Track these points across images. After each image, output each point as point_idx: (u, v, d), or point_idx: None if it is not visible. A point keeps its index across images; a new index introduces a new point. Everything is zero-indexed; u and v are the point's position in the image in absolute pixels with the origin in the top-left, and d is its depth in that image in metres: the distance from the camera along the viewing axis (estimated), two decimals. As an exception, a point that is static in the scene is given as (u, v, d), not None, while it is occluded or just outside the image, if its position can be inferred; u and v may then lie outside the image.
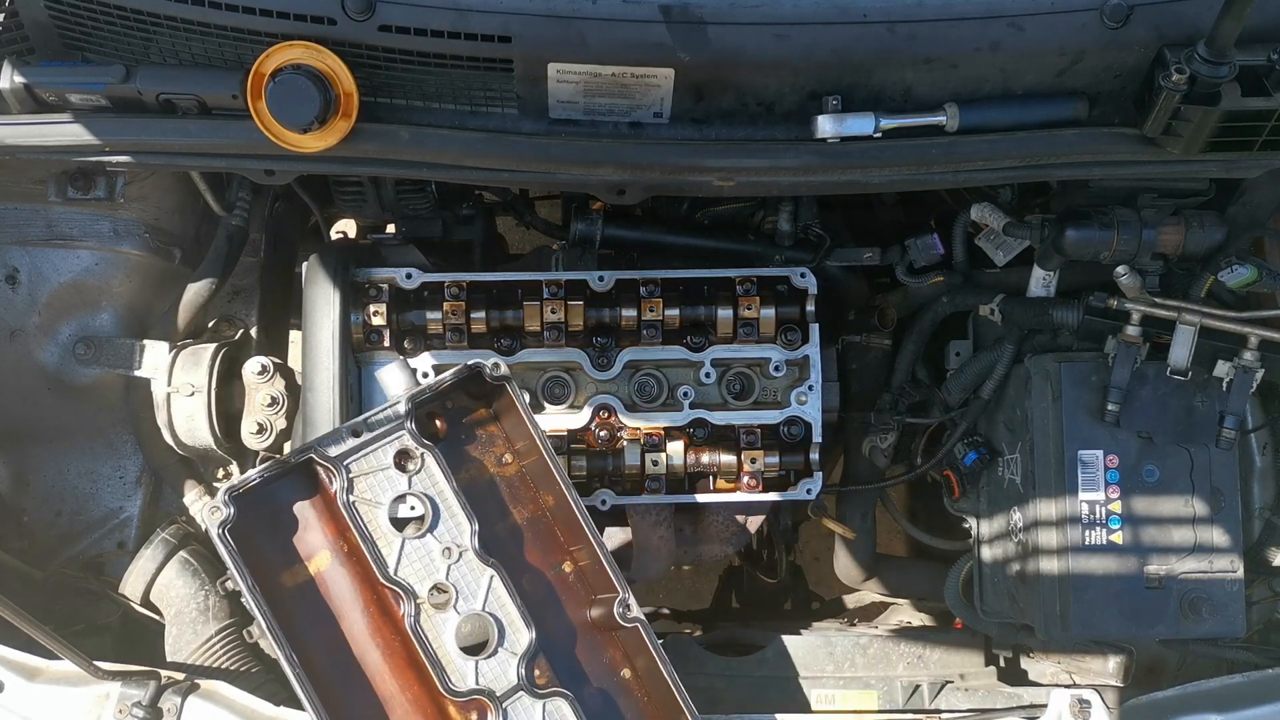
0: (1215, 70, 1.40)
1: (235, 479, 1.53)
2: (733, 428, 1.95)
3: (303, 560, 1.60)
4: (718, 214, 2.09)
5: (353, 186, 1.95)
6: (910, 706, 1.89)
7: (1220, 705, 1.62)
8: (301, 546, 1.61)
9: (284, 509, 1.61)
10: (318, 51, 1.45)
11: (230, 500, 1.51)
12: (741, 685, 1.89)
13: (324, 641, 1.57)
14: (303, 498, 1.62)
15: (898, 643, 1.95)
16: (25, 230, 1.90)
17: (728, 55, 1.46)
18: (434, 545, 1.59)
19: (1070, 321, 1.86)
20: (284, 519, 1.61)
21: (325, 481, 1.60)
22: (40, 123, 1.54)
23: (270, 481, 1.58)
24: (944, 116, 1.51)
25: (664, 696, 1.62)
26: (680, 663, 1.90)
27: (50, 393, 1.97)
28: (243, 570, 1.49)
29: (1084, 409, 1.79)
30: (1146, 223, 1.76)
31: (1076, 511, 1.78)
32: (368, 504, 1.58)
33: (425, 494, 1.59)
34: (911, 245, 2.00)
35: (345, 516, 1.56)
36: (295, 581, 1.59)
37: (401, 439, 1.60)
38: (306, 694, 1.47)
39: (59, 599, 1.94)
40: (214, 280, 1.96)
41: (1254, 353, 1.76)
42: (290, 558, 1.60)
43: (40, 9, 1.49)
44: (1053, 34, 1.48)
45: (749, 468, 1.94)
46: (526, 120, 1.56)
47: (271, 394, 1.93)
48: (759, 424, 1.95)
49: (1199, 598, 1.77)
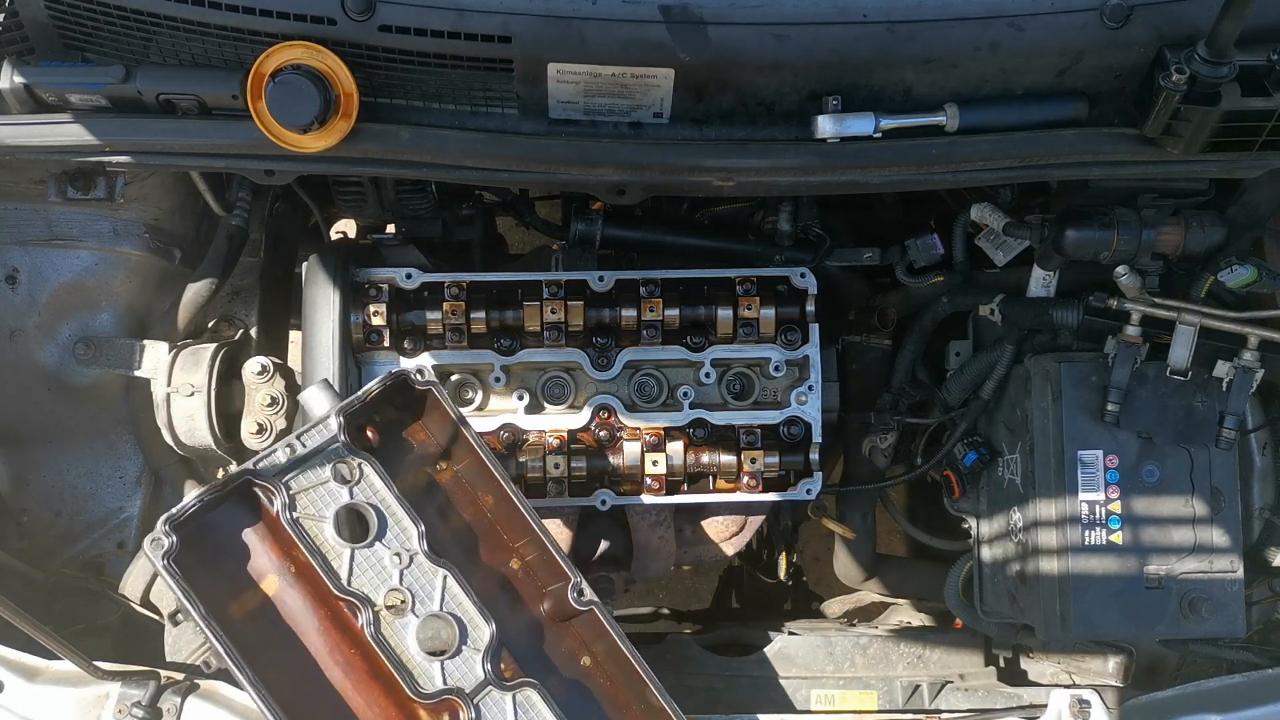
0: (1215, 70, 1.40)
1: (174, 508, 1.49)
2: (733, 428, 1.95)
3: (253, 585, 1.58)
4: (718, 214, 2.09)
5: (353, 186, 1.95)
6: (910, 706, 1.89)
7: (1220, 705, 1.62)
8: (250, 571, 1.58)
9: (228, 535, 1.58)
10: (318, 51, 1.45)
11: (171, 530, 1.47)
12: (741, 685, 1.89)
13: (286, 665, 1.54)
14: (246, 522, 1.58)
15: (898, 643, 1.95)
16: (25, 230, 1.90)
17: (728, 55, 1.46)
18: (384, 552, 1.57)
19: (1070, 321, 1.86)
20: (229, 545, 1.58)
21: (266, 503, 1.58)
22: (40, 123, 1.54)
23: (210, 507, 1.54)
24: (944, 116, 1.51)
25: (627, 675, 1.61)
26: (680, 663, 1.90)
27: (50, 393, 1.97)
28: (194, 600, 1.46)
29: (1084, 409, 1.79)
30: (1146, 223, 1.77)
31: (1076, 511, 1.78)
32: (311, 519, 1.56)
33: (369, 503, 1.57)
34: (911, 245, 2.00)
35: (291, 534, 1.53)
36: (248, 608, 1.57)
37: (336, 450, 1.57)
38: (261, 698, 1.44)
39: (59, 599, 1.94)
40: (214, 280, 1.96)
41: (1254, 353, 1.76)
42: (240, 584, 1.57)
43: (40, 9, 1.49)
44: (1053, 34, 1.48)
45: (749, 468, 1.94)
46: (526, 120, 1.56)
47: (271, 394, 1.93)
48: (759, 424, 1.95)
49: (1199, 598, 1.77)
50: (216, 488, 1.54)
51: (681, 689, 1.87)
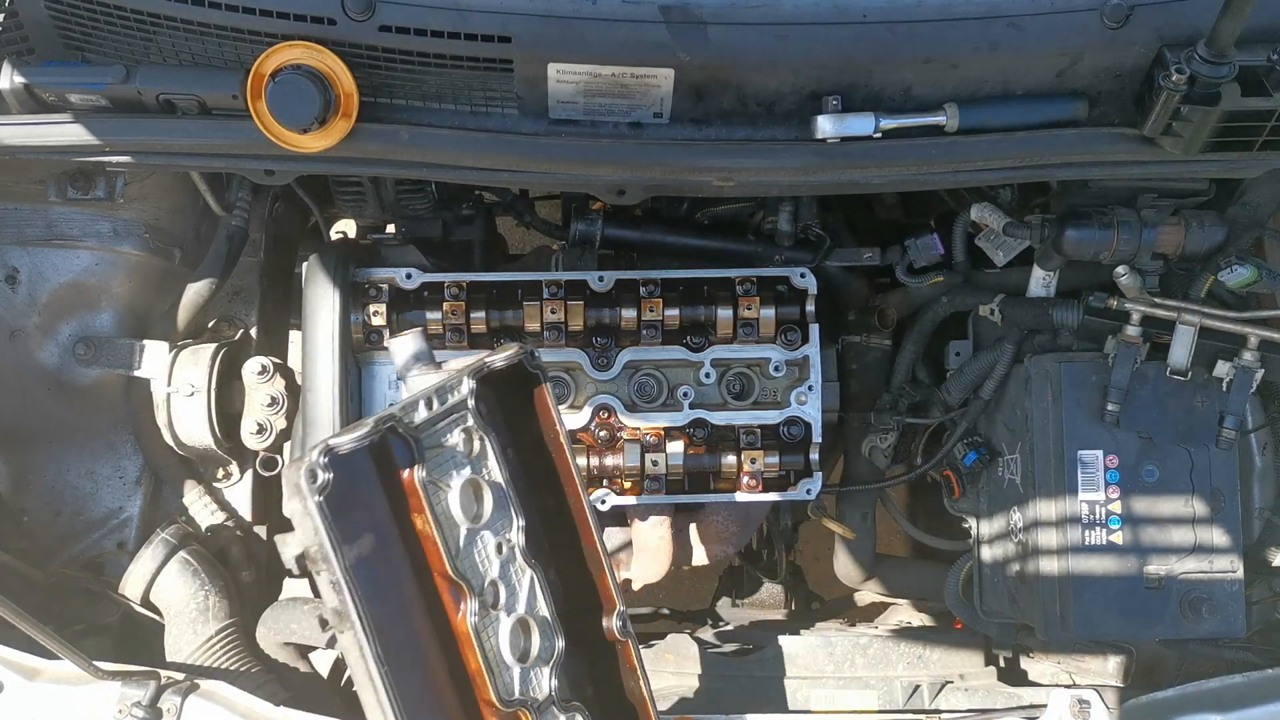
0: (1215, 70, 1.40)
1: (333, 439, 1.27)
2: (733, 428, 1.95)
3: (355, 540, 1.35)
4: (718, 214, 2.09)
5: (353, 187, 1.95)
6: (910, 707, 1.89)
7: (1220, 705, 1.62)
8: (358, 525, 1.36)
9: (349, 483, 1.34)
10: (318, 51, 1.45)
11: (330, 463, 1.25)
12: (741, 685, 1.88)
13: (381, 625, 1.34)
14: (369, 474, 1.37)
15: (898, 643, 1.95)
16: (25, 230, 1.90)
17: (728, 55, 1.46)
18: (490, 539, 1.41)
19: (1070, 321, 1.86)
20: (348, 494, 1.34)
21: (397, 457, 1.37)
22: (40, 123, 1.54)
23: (360, 448, 1.31)
24: (944, 116, 1.51)
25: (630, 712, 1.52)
26: (680, 663, 1.90)
27: (50, 393, 1.97)
28: (336, 548, 1.25)
29: (1084, 409, 1.80)
30: (1146, 223, 1.76)
31: (1076, 511, 1.78)
32: (435, 485, 1.38)
33: (489, 480, 1.41)
34: (911, 245, 2.00)
35: (421, 496, 1.35)
36: (352, 558, 1.32)
37: (464, 417, 1.39)
38: (381, 675, 1.26)
39: (59, 599, 1.94)
40: (214, 280, 1.96)
41: (1254, 353, 1.76)
42: (346, 536, 1.32)
43: (40, 9, 1.49)
44: (1053, 34, 1.48)
45: (749, 468, 1.94)
46: (526, 120, 1.56)
47: (271, 394, 1.93)
48: (759, 424, 1.95)
49: (1199, 598, 1.77)
50: (367, 429, 1.31)
51: (682, 689, 1.87)
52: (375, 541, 1.38)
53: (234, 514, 2.08)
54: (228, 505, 2.08)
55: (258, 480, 2.09)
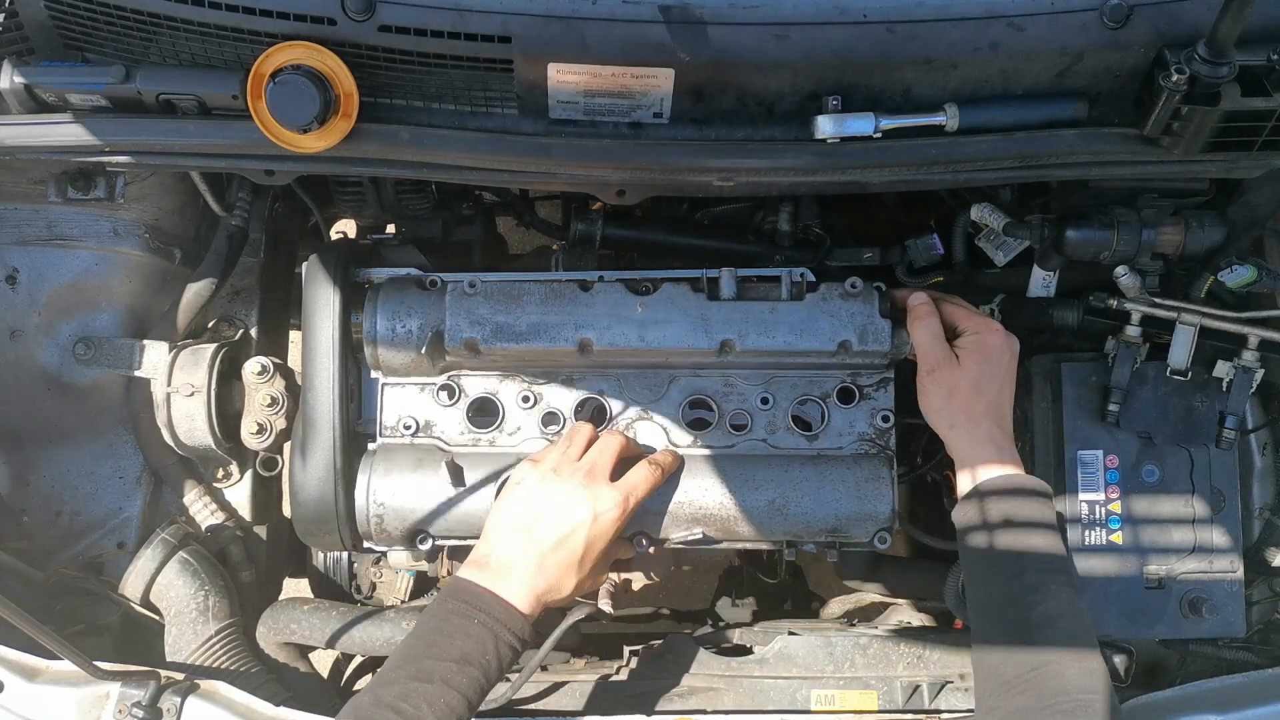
0: (1215, 70, 1.40)
1: None
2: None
3: None
4: (718, 214, 2.09)
5: (353, 187, 1.95)
6: (910, 706, 1.89)
7: (1220, 705, 1.62)
8: None
9: None
10: (318, 51, 1.45)
11: None
12: (741, 685, 1.88)
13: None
14: None
15: (898, 643, 1.95)
16: (25, 230, 1.90)
17: (728, 55, 1.46)
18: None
19: (1070, 321, 1.85)
20: None
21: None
22: (40, 123, 1.53)
23: None
24: (944, 117, 1.51)
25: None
26: (680, 663, 1.90)
27: (50, 393, 1.97)
28: None
29: (1084, 409, 1.80)
30: (1146, 223, 1.76)
31: (1076, 512, 1.78)
32: None
33: None
34: (911, 245, 2.00)
35: None
36: None
37: None
38: None
39: (59, 599, 1.94)
40: (214, 280, 1.96)
41: (1254, 353, 1.76)
42: None
43: (40, 9, 1.49)
44: (1053, 34, 1.48)
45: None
46: (526, 120, 1.56)
47: (271, 394, 1.93)
48: (759, 424, 1.94)
49: (1199, 598, 1.77)
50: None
51: (681, 689, 1.87)
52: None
53: (234, 514, 2.08)
54: (228, 505, 2.08)
55: (258, 480, 2.09)
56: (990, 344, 1.66)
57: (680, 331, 1.72)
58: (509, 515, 1.59)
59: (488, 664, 1.44)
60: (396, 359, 1.78)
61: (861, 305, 1.73)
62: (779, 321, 1.72)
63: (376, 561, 2.24)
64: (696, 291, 1.74)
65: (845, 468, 1.75)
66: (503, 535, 1.57)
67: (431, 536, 1.76)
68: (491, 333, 1.74)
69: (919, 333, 1.70)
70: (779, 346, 1.72)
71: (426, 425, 1.83)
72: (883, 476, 1.75)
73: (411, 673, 1.39)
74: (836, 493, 1.73)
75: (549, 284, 1.76)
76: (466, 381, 1.83)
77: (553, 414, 1.79)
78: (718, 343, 1.72)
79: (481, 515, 1.69)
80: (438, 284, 1.79)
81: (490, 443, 1.82)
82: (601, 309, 1.73)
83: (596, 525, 1.56)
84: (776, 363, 1.76)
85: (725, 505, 1.73)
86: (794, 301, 1.74)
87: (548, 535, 1.55)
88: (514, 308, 1.74)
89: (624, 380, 1.80)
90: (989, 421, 1.61)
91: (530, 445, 1.80)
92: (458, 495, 1.73)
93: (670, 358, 1.76)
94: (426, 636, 1.45)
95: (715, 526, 1.74)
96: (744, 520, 1.73)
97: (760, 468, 1.75)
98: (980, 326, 1.69)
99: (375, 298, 1.78)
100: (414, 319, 1.76)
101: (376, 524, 1.76)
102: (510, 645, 1.47)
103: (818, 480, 1.74)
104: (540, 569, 1.53)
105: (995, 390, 1.64)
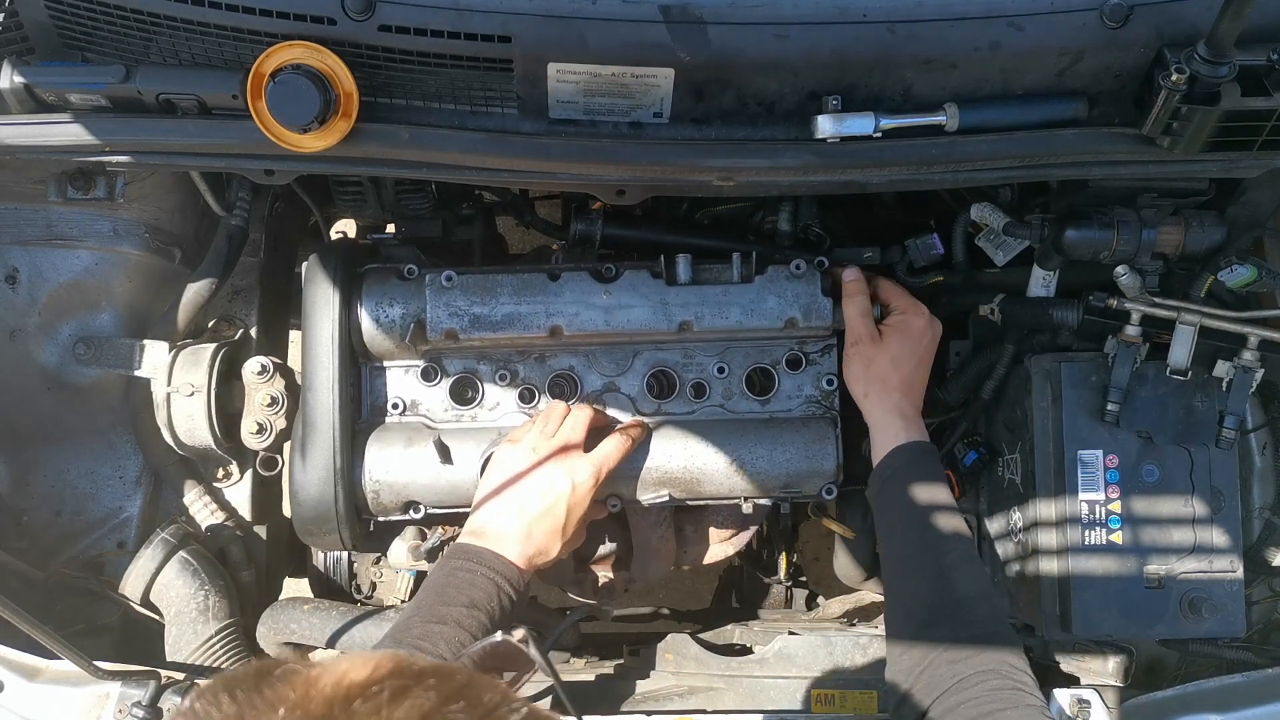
0: (1215, 70, 1.40)
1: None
2: (733, 427, 1.96)
3: None
4: (717, 214, 2.09)
5: (353, 186, 1.95)
6: (910, 706, 1.89)
7: (1220, 705, 1.62)
8: None
9: None
10: (318, 51, 1.45)
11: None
12: (741, 685, 1.88)
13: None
14: None
15: (898, 643, 1.95)
16: (25, 230, 1.90)
17: (728, 55, 1.46)
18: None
19: (1070, 321, 1.85)
20: None
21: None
22: (40, 123, 1.53)
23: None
24: (944, 116, 1.51)
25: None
26: (680, 663, 1.90)
27: (50, 393, 1.97)
28: None
29: (1084, 409, 1.79)
30: (1146, 223, 1.76)
31: (1076, 511, 1.78)
32: None
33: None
34: (911, 245, 2.00)
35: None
36: None
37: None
38: None
39: (59, 599, 1.94)
40: (214, 280, 1.96)
41: (1254, 353, 1.76)
42: None
43: (40, 9, 1.49)
44: (1053, 34, 1.48)
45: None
46: (526, 120, 1.56)
47: (271, 394, 1.93)
48: (759, 424, 1.95)
49: (1199, 598, 1.76)
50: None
51: (681, 689, 1.87)
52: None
53: (234, 514, 2.08)
54: (228, 505, 2.08)
55: (258, 480, 2.09)
56: (913, 325, 1.82)
57: (642, 315, 1.84)
58: (496, 491, 1.72)
59: (492, 610, 1.56)
60: (381, 344, 1.87)
61: (805, 286, 1.86)
62: (731, 303, 1.84)
63: (376, 561, 2.24)
64: (655, 277, 1.86)
65: (794, 430, 1.87)
66: (493, 509, 1.69)
67: (424, 506, 1.87)
68: (470, 323, 1.84)
69: (848, 308, 1.85)
70: (732, 325, 1.85)
71: (413, 404, 1.91)
72: (828, 436, 1.87)
73: (427, 617, 1.52)
74: (787, 453, 1.86)
75: (520, 275, 1.87)
76: (447, 362, 1.92)
77: (529, 389, 1.91)
78: (677, 324, 1.84)
79: (467, 486, 1.82)
80: (414, 273, 1.87)
81: (473, 418, 1.92)
82: (569, 297, 1.84)
83: (575, 494, 1.70)
84: (731, 337, 1.89)
85: (689, 469, 1.85)
86: (744, 284, 1.86)
87: (533, 507, 1.68)
88: (489, 299, 1.84)
89: (592, 356, 1.91)
90: (900, 395, 1.77)
91: (509, 419, 1.91)
92: (445, 470, 1.84)
93: (634, 338, 1.88)
94: (435, 588, 1.58)
95: (680, 488, 1.87)
96: (706, 481, 1.86)
97: (719, 433, 1.86)
98: (908, 308, 1.85)
99: (359, 287, 1.88)
100: (396, 307, 1.86)
101: (374, 498, 1.85)
102: (509, 595, 1.59)
103: (770, 442, 1.86)
104: (529, 536, 1.66)
105: (911, 367, 1.79)
